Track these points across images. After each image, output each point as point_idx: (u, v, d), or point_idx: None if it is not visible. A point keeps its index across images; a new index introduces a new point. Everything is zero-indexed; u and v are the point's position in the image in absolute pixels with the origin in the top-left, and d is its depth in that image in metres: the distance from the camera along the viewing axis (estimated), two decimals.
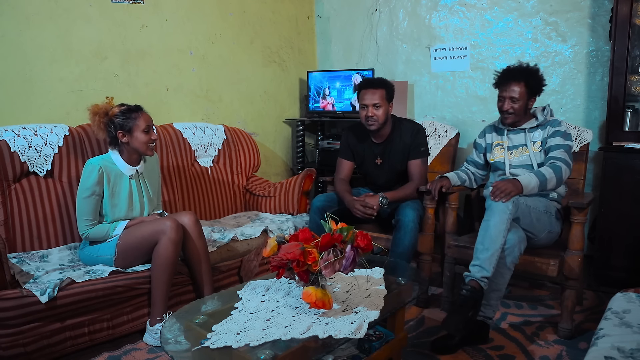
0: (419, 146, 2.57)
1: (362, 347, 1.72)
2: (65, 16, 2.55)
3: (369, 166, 2.68)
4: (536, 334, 2.20)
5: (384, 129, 2.56)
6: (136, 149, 2.16)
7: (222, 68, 3.38)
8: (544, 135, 2.28)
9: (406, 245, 2.33)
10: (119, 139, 2.13)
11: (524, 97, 2.26)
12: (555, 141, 2.22)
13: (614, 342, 1.34)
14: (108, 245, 2.09)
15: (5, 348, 1.75)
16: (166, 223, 2.05)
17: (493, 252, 1.96)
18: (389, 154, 2.60)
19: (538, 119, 2.31)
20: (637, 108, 2.67)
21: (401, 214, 2.41)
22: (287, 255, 1.45)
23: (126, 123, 2.12)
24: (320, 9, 4.11)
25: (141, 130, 2.14)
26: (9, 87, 2.39)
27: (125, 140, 2.13)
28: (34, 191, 2.28)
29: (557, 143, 2.21)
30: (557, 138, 2.22)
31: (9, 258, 2.05)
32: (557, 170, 2.11)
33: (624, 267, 2.57)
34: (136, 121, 2.13)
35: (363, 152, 2.67)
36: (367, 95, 2.48)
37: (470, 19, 3.36)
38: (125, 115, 2.13)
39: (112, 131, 2.13)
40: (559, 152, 2.17)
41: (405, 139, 2.57)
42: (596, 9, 2.93)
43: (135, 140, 2.14)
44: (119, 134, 2.12)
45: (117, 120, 2.12)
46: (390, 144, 2.59)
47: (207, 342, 1.35)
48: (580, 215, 2.09)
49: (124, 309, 2.06)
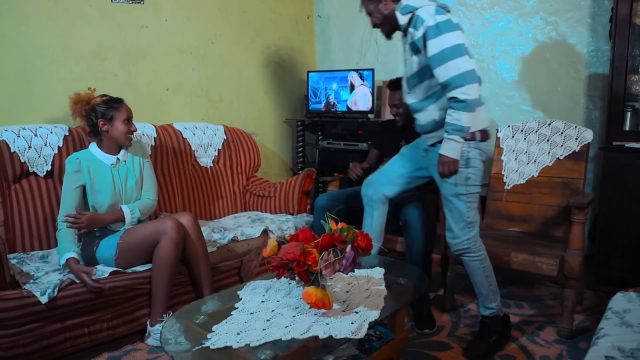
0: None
1: (362, 347, 1.72)
2: (65, 16, 2.55)
3: (394, 150, 2.54)
4: (536, 334, 2.20)
5: (413, 122, 2.60)
6: (115, 138, 2.19)
7: (222, 68, 3.38)
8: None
9: (418, 246, 2.34)
10: (100, 127, 2.15)
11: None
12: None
13: (614, 341, 1.34)
14: (109, 245, 2.08)
15: (6, 348, 1.75)
16: (167, 223, 2.05)
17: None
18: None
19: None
20: (637, 107, 2.67)
21: (406, 213, 2.39)
22: (288, 256, 1.45)
23: (108, 112, 2.15)
24: (320, 9, 4.11)
25: (121, 121, 2.17)
26: (8, 87, 2.39)
27: (106, 128, 2.16)
28: (34, 191, 2.28)
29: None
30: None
31: (9, 258, 2.05)
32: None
33: (624, 266, 2.57)
34: (117, 111, 2.17)
35: (391, 142, 2.69)
36: (389, 96, 2.67)
37: (471, 18, 3.36)
38: (107, 105, 2.16)
39: (92, 119, 2.16)
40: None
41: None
42: (596, 8, 2.93)
43: (115, 129, 2.17)
44: (99, 122, 2.15)
45: (99, 108, 2.15)
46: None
47: (207, 343, 1.35)
48: (580, 214, 2.08)
49: (124, 310, 2.06)
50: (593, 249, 2.80)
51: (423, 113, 2.03)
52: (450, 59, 1.81)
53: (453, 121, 1.84)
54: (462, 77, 1.80)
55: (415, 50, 1.94)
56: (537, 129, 2.65)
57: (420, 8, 1.91)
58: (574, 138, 2.53)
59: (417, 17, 1.90)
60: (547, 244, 2.31)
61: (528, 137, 2.66)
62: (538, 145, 2.62)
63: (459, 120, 1.82)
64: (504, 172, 2.68)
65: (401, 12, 1.97)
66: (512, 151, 2.69)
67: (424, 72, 1.95)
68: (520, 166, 2.65)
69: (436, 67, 1.84)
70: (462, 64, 1.81)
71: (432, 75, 1.91)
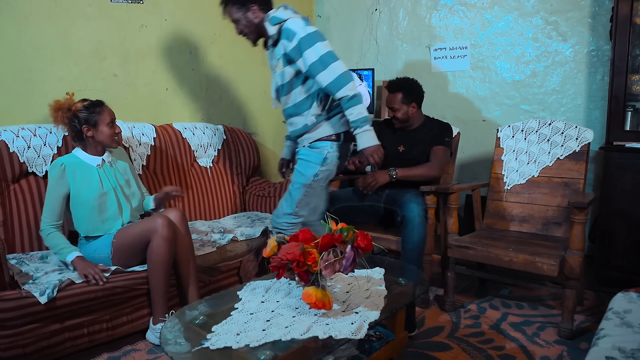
0: (444, 137, 2.62)
1: (362, 347, 1.72)
2: (65, 16, 2.54)
3: (390, 154, 2.61)
4: (537, 334, 2.19)
5: (413, 123, 2.65)
6: (101, 142, 2.17)
7: (222, 68, 3.38)
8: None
9: (415, 242, 2.30)
10: (84, 133, 2.14)
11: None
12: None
13: (615, 342, 1.34)
14: (104, 244, 2.08)
15: (5, 349, 1.74)
16: (157, 221, 2.05)
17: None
18: (412, 140, 2.63)
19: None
20: (637, 107, 2.67)
21: (405, 209, 2.36)
22: (287, 256, 1.44)
23: (91, 117, 2.13)
24: (320, 9, 4.11)
25: (105, 124, 2.15)
26: (7, 87, 2.38)
27: (90, 134, 2.14)
28: (33, 192, 2.27)
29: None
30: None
31: (8, 259, 2.04)
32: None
33: (625, 266, 2.56)
34: (100, 115, 2.15)
35: (388, 142, 2.65)
36: (388, 98, 2.64)
37: (471, 18, 3.36)
38: (89, 110, 2.14)
39: (76, 126, 2.13)
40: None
41: (433, 130, 2.64)
42: (597, 8, 2.93)
43: (100, 134, 2.15)
44: (84, 128, 2.13)
45: (81, 115, 2.13)
46: (417, 132, 2.64)
47: (207, 343, 1.35)
48: (580, 215, 2.08)
49: (123, 310, 2.05)
50: (593, 249, 2.80)
51: (298, 117, 2.24)
52: (330, 62, 2.04)
53: (356, 117, 2.07)
54: (345, 76, 2.05)
55: (289, 60, 2.14)
56: (537, 129, 2.65)
57: (288, 20, 2.11)
58: (574, 138, 2.52)
59: (287, 29, 2.09)
60: (548, 244, 2.30)
61: (528, 137, 2.66)
62: (538, 145, 2.62)
63: (361, 113, 2.07)
64: (504, 172, 2.68)
65: (270, 22, 2.13)
66: (513, 151, 2.69)
67: (295, 80, 2.19)
68: (520, 166, 2.64)
69: (319, 72, 2.05)
70: (341, 66, 2.07)
71: (302, 83, 2.17)
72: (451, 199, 2.43)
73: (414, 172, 2.51)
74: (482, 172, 3.34)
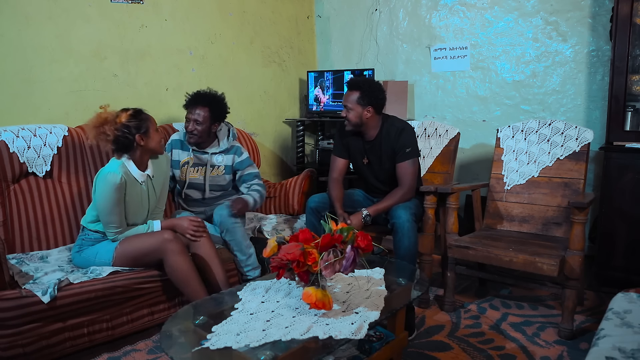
0: (404, 147, 2.43)
1: (362, 347, 1.72)
2: (65, 16, 2.54)
3: (359, 165, 2.61)
4: (537, 335, 2.19)
5: (368, 130, 2.47)
6: (153, 149, 2.12)
7: (222, 68, 3.38)
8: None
9: (406, 247, 2.29)
10: (137, 142, 2.05)
11: (208, 121, 2.54)
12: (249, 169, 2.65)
13: (615, 342, 1.34)
14: (106, 250, 2.08)
15: (4, 349, 1.74)
16: (163, 237, 2.03)
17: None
18: (376, 153, 2.52)
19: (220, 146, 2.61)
20: (637, 108, 2.67)
21: (394, 216, 2.33)
22: (288, 256, 1.45)
23: (142, 124, 2.06)
24: (320, 9, 4.11)
25: (155, 130, 2.11)
26: (8, 87, 2.38)
27: (143, 143, 2.07)
28: (33, 192, 2.27)
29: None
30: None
31: (8, 259, 2.04)
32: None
33: (625, 267, 2.56)
34: (148, 122, 2.09)
35: (354, 150, 2.59)
36: (344, 96, 2.46)
37: (471, 18, 3.36)
38: (137, 118, 2.06)
39: (128, 136, 2.03)
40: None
41: (390, 139, 2.46)
42: (597, 8, 2.93)
43: (151, 140, 2.09)
44: (137, 137, 2.04)
45: (132, 124, 2.04)
46: (376, 144, 2.50)
47: (207, 343, 1.35)
48: (580, 215, 2.08)
49: (123, 310, 2.05)
50: (593, 250, 2.80)
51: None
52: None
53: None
54: None
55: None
56: (537, 129, 2.65)
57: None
58: (574, 138, 2.52)
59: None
60: (548, 245, 2.30)
61: (528, 137, 2.66)
62: (538, 146, 2.62)
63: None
64: (504, 172, 2.68)
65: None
66: (513, 151, 2.68)
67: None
68: (520, 166, 2.64)
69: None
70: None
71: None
72: (451, 199, 2.43)
73: (386, 204, 2.40)
74: (482, 172, 3.34)
